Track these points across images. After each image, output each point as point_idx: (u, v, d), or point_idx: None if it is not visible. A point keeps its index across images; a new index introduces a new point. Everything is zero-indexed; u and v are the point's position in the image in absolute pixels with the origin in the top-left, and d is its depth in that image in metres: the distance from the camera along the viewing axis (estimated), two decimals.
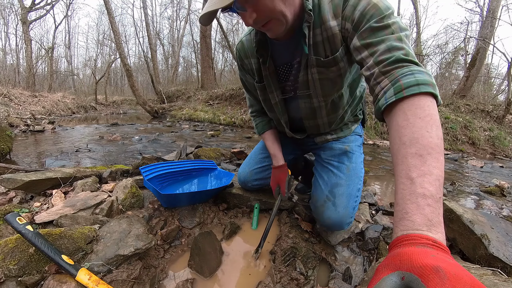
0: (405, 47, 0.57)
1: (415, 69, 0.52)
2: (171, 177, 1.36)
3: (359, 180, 1.00)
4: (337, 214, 0.92)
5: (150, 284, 0.80)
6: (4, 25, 16.79)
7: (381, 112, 0.54)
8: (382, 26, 0.60)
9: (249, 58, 0.94)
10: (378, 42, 0.59)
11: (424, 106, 0.47)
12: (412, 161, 0.43)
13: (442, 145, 0.45)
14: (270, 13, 0.64)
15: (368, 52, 0.61)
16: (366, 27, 0.62)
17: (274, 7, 0.63)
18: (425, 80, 0.49)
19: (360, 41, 0.63)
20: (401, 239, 0.36)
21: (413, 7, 10.27)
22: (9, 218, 0.72)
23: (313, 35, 0.75)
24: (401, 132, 0.47)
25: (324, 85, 0.84)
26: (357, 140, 1.11)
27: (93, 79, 14.12)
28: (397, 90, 0.51)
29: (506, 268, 0.76)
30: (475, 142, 4.88)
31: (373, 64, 0.59)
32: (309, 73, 0.82)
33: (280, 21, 0.67)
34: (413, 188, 0.40)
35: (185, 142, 2.61)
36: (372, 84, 0.59)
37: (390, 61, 0.55)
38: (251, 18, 0.63)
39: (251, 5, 0.61)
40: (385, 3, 0.63)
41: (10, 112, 6.09)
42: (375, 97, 0.58)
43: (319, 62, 0.78)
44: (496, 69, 14.09)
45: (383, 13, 0.61)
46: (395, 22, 0.60)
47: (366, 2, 0.63)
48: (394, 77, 0.53)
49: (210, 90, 9.58)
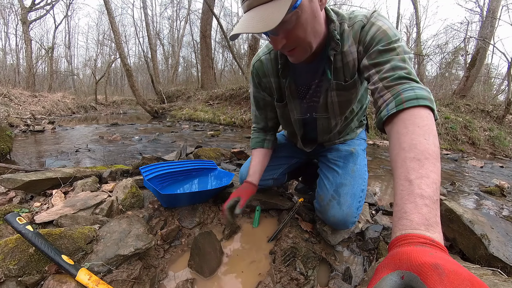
0: (407, 67, 0.62)
1: (415, 85, 0.58)
2: (171, 177, 1.36)
3: (363, 182, 1.03)
4: (341, 212, 0.94)
5: (150, 284, 0.80)
6: (4, 25, 16.77)
7: (383, 123, 0.60)
8: (388, 49, 0.66)
9: (268, 77, 0.96)
10: (384, 62, 0.65)
11: (423, 116, 0.52)
12: (411, 164, 0.46)
13: (438, 152, 0.48)
14: (298, 42, 0.69)
15: (375, 70, 0.67)
16: (375, 50, 0.68)
17: (305, 38, 0.68)
18: (423, 95, 0.55)
19: (368, 61, 0.69)
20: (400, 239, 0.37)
21: (413, 7, 10.25)
22: (9, 218, 0.72)
23: (334, 61, 0.80)
24: (401, 139, 0.51)
25: (342, 106, 0.91)
26: (362, 144, 1.17)
27: (93, 79, 14.12)
28: (398, 102, 0.56)
29: (506, 268, 0.76)
30: (475, 142, 4.88)
31: (378, 80, 0.64)
32: (328, 96, 0.88)
33: (305, 50, 0.72)
34: (411, 189, 0.42)
35: (185, 142, 2.61)
36: (376, 97, 0.64)
37: (393, 78, 0.61)
38: (281, 43, 0.68)
39: (284, 32, 0.65)
40: (394, 31, 0.69)
41: (10, 112, 6.09)
42: (378, 108, 0.63)
43: (339, 86, 0.84)
44: (496, 69, 14.07)
45: (391, 39, 0.67)
46: (400, 46, 0.66)
47: (376, 28, 0.70)
48: (396, 91, 0.59)
49: (210, 90, 9.58)
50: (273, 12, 0.57)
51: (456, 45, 11.36)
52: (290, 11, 0.59)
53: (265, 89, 1.01)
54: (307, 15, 0.64)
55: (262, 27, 0.58)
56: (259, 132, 1.14)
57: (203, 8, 10.44)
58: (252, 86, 1.05)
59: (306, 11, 0.63)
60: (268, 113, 1.09)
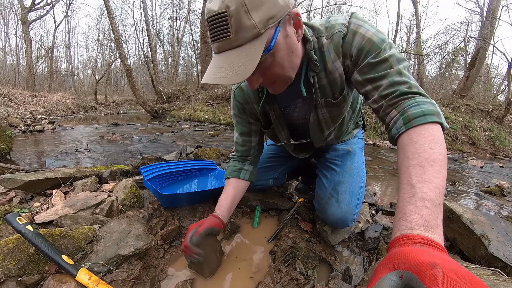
0: (407, 81, 0.60)
1: (420, 100, 0.56)
2: (171, 177, 1.36)
3: (361, 179, 1.03)
4: (340, 210, 0.94)
5: (150, 284, 0.80)
6: (4, 25, 16.80)
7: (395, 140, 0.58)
8: (379, 61, 0.62)
9: (250, 104, 0.92)
10: (379, 77, 0.62)
11: (429, 129, 0.52)
12: (414, 170, 0.46)
13: (445, 160, 0.48)
14: (276, 78, 0.65)
15: (371, 86, 0.64)
16: (365, 63, 0.64)
17: (283, 73, 0.64)
18: (430, 111, 0.54)
19: (361, 76, 0.65)
20: (399, 239, 0.37)
21: (413, 7, 10.26)
22: (9, 218, 0.72)
23: (317, 79, 0.75)
24: (406, 149, 0.51)
25: (334, 119, 0.88)
26: (359, 143, 1.16)
27: (93, 79, 14.12)
28: (405, 120, 0.55)
29: (506, 268, 0.76)
30: (475, 142, 4.87)
31: (379, 98, 0.62)
32: (318, 113, 0.84)
33: (284, 83, 0.68)
34: (412, 192, 0.43)
35: (185, 142, 2.61)
36: (382, 114, 0.63)
37: (396, 95, 0.59)
38: (257, 82, 0.63)
39: (260, 71, 0.61)
40: (379, 36, 0.63)
41: (10, 112, 6.09)
42: (387, 126, 0.62)
43: (328, 103, 0.80)
44: (496, 69, 14.09)
45: (379, 47, 0.62)
46: (392, 55, 0.62)
47: (360, 38, 0.64)
48: (401, 108, 0.57)
49: (210, 90, 9.57)
50: (246, 59, 0.53)
51: (456, 45, 11.37)
52: (264, 54, 0.55)
53: (251, 115, 0.97)
54: (283, 53, 0.60)
55: (234, 78, 0.53)
56: (238, 161, 1.03)
57: (203, 8, 10.45)
58: (234, 112, 0.99)
59: (282, 49, 0.59)
60: (253, 138, 1.01)
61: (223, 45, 0.54)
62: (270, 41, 0.55)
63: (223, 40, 0.54)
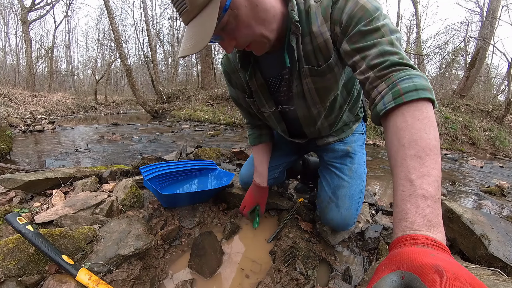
0: (398, 52, 0.55)
1: (412, 73, 0.51)
2: (171, 177, 1.36)
3: (362, 181, 1.00)
4: (340, 215, 0.94)
5: (150, 284, 0.80)
6: (4, 25, 16.79)
7: (379, 117, 0.54)
8: (371, 30, 0.57)
9: (236, 72, 0.90)
10: (369, 46, 0.57)
11: (423, 108, 0.47)
12: (411, 163, 0.43)
13: (439, 146, 0.45)
14: (249, 38, 0.62)
15: (359, 56, 0.59)
16: (355, 31, 0.59)
17: (253, 32, 0.61)
18: (423, 85, 0.49)
19: (350, 45, 0.61)
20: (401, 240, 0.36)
21: (413, 7, 10.26)
22: (9, 218, 0.72)
23: (302, 44, 0.70)
24: (400, 134, 0.47)
25: (321, 93, 0.79)
26: (359, 140, 1.09)
27: (93, 79, 14.11)
28: (395, 95, 0.49)
29: (506, 268, 0.76)
30: (475, 142, 4.88)
31: (367, 68, 0.56)
32: (303, 83, 0.78)
33: (262, 42, 0.65)
34: (412, 190, 0.41)
35: (185, 142, 2.61)
36: (368, 88, 0.57)
37: (385, 65, 0.54)
38: (230, 45, 0.62)
39: (227, 34, 0.60)
40: (373, 3, 0.59)
41: (10, 112, 6.09)
42: (372, 101, 0.56)
43: (312, 71, 0.74)
44: (496, 69, 14.09)
45: (372, 15, 0.58)
46: (385, 25, 0.57)
47: (353, 4, 0.60)
48: (391, 81, 0.52)
49: (210, 90, 9.58)
50: (204, 24, 0.52)
51: (456, 45, 11.37)
52: (222, 15, 0.54)
53: (237, 86, 0.95)
54: (245, 9, 0.57)
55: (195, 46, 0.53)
56: (254, 128, 1.11)
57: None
58: (227, 85, 1.01)
59: (242, 5, 0.56)
60: (250, 109, 1.02)
61: (185, 18, 0.55)
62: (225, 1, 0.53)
63: (183, 13, 0.55)
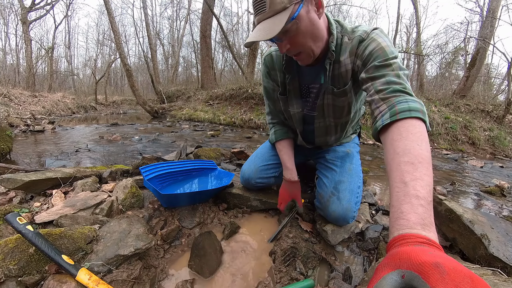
0: (402, 83, 0.67)
1: (410, 98, 0.62)
2: (171, 177, 1.36)
3: (359, 179, 1.12)
4: (341, 207, 1.01)
5: (150, 284, 0.80)
6: (4, 25, 16.76)
7: (378, 132, 0.65)
8: (384, 65, 0.72)
9: (276, 70, 1.05)
10: (379, 76, 0.71)
11: (415, 125, 0.57)
12: (405, 167, 0.48)
13: (430, 158, 0.51)
14: (301, 47, 0.79)
15: (371, 82, 0.73)
16: (372, 65, 0.74)
17: (306, 43, 0.78)
18: (416, 108, 0.59)
19: (366, 74, 0.76)
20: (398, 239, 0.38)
21: (413, 7, 10.26)
22: (9, 218, 0.72)
23: (332, 68, 0.90)
24: (395, 144, 0.55)
25: (336, 110, 1.00)
26: (356, 147, 1.28)
27: (93, 79, 14.11)
28: (392, 113, 0.60)
29: (506, 268, 0.76)
30: (475, 142, 4.87)
31: (374, 92, 0.70)
32: (325, 98, 0.97)
33: (308, 55, 0.82)
34: (406, 190, 0.45)
35: (185, 142, 2.61)
36: (373, 108, 0.69)
37: (389, 91, 0.66)
38: (285, 48, 0.79)
39: (287, 38, 0.77)
40: (392, 49, 0.74)
41: (10, 112, 6.09)
42: (374, 118, 0.68)
43: (333, 91, 0.93)
44: (496, 69, 14.10)
45: (387, 56, 0.73)
46: (396, 63, 0.72)
47: (375, 45, 0.76)
48: (391, 103, 0.63)
49: (210, 90, 9.56)
50: (275, 24, 0.70)
51: (456, 45, 11.38)
52: (289, 21, 0.70)
53: (274, 80, 1.09)
54: (305, 24, 0.74)
55: (264, 35, 0.70)
56: (279, 124, 1.21)
57: (203, 8, 10.43)
58: (263, 77, 1.12)
59: (304, 20, 0.74)
60: (277, 104, 1.15)
61: (261, 17, 0.73)
62: (294, 12, 0.70)
63: (261, 13, 0.72)
